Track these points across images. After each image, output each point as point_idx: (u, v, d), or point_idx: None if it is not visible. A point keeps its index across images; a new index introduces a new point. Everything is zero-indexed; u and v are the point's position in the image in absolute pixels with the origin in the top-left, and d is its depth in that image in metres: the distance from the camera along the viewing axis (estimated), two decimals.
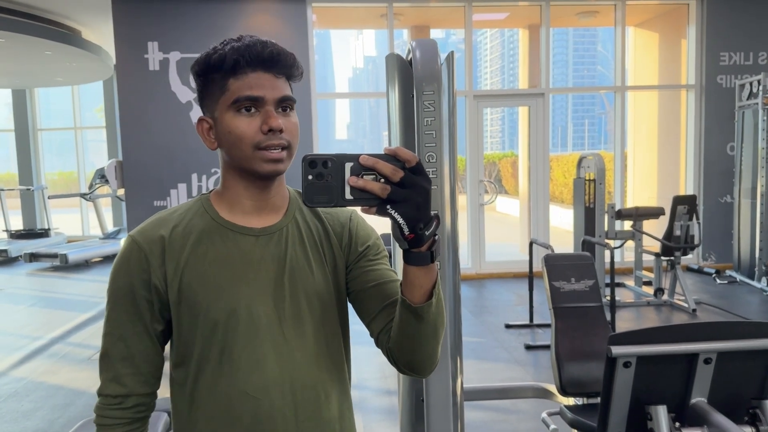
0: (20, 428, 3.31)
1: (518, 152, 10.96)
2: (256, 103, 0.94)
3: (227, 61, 0.94)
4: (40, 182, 11.47)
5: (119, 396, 0.99)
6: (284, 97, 0.96)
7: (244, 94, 0.93)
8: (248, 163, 0.95)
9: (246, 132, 0.94)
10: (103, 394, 1.00)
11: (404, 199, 0.79)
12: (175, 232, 0.99)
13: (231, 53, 0.94)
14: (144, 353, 0.99)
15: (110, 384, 0.99)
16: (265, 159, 0.94)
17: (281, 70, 0.96)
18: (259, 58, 0.94)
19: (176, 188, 6.69)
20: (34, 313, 6.03)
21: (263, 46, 0.95)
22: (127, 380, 0.99)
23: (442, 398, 1.82)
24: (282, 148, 0.95)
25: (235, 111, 0.94)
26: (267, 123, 0.93)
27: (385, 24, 7.10)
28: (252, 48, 0.94)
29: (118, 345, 0.99)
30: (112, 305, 0.99)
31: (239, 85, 0.94)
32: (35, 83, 10.57)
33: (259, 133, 0.94)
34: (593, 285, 2.44)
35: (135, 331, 0.98)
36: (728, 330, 1.49)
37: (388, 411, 3.45)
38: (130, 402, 0.99)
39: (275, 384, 0.97)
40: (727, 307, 5.46)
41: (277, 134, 0.94)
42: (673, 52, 8.09)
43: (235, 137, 0.95)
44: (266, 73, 0.95)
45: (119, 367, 0.99)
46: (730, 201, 7.14)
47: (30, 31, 6.78)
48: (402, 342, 0.95)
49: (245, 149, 0.94)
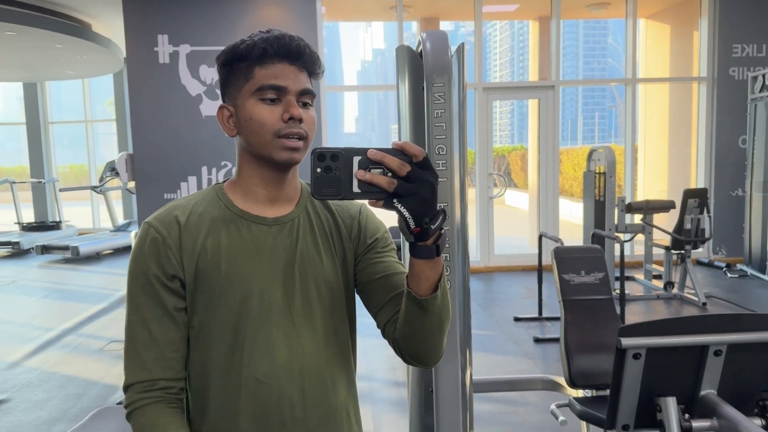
0: (33, 417, 3.36)
1: (528, 145, 10.91)
2: (279, 92, 0.97)
3: (255, 50, 0.97)
4: (51, 175, 11.56)
5: (146, 381, 0.97)
6: (306, 90, 0.99)
7: (268, 83, 0.96)
8: (266, 150, 0.97)
9: (267, 119, 0.96)
10: (130, 384, 0.98)
11: (411, 193, 0.80)
12: (191, 218, 1.00)
13: (260, 42, 0.97)
14: (168, 338, 0.98)
15: (136, 370, 0.97)
16: (284, 147, 0.97)
17: (305, 64, 0.99)
18: (286, 49, 0.97)
19: (186, 181, 6.73)
20: (47, 305, 6.09)
21: (291, 39, 0.98)
22: (152, 366, 0.97)
23: (452, 390, 1.82)
24: (299, 138, 0.97)
25: (258, 98, 0.97)
26: (288, 111, 0.96)
27: (394, 16, 7.08)
28: (281, 39, 0.97)
29: (141, 332, 0.98)
30: (132, 292, 0.99)
31: (265, 74, 0.97)
32: (46, 76, 10.63)
33: (280, 121, 0.96)
34: (603, 278, 2.43)
35: (157, 316, 0.98)
36: (739, 322, 1.48)
37: (398, 402, 3.47)
38: (158, 385, 0.97)
39: (284, 370, 0.98)
40: (737, 301, 5.43)
41: (297, 123, 0.96)
42: (684, 44, 8.01)
43: (256, 123, 0.97)
44: (291, 65, 0.98)
45: (144, 354, 0.97)
46: (742, 194, 7.08)
47: (41, 24, 6.81)
48: (407, 333, 0.97)
49: (265, 135, 0.97)
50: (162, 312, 0.99)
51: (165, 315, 0.99)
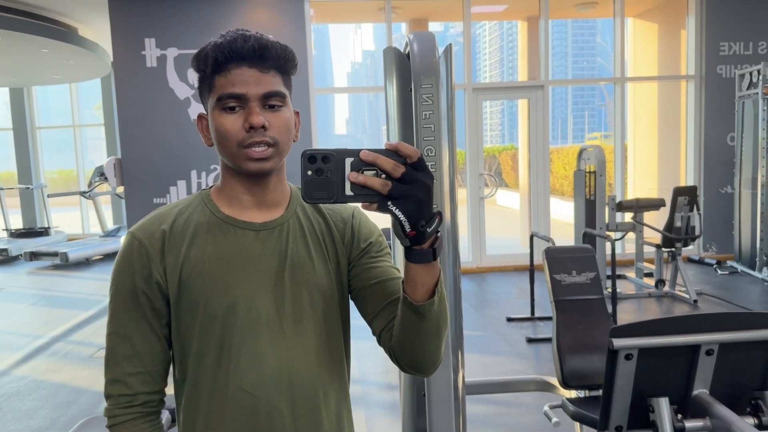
0: (23, 427, 3.31)
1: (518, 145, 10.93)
2: (240, 100, 0.92)
3: (210, 59, 0.93)
4: (39, 181, 11.46)
5: (126, 395, 0.97)
6: (269, 93, 0.93)
7: (226, 92, 0.92)
8: (234, 161, 0.95)
9: (229, 130, 0.93)
10: (111, 395, 0.98)
11: (405, 195, 0.77)
12: (175, 226, 0.98)
13: (212, 50, 0.93)
14: (150, 352, 0.97)
15: (116, 384, 0.97)
16: (249, 158, 0.93)
17: (268, 63, 0.94)
18: (239, 53, 0.92)
19: (176, 185, 6.69)
20: (35, 312, 6.03)
21: (245, 41, 0.92)
22: (131, 380, 0.97)
23: (444, 392, 1.81)
24: (267, 146, 0.93)
25: (220, 109, 0.94)
26: (248, 120, 0.92)
27: (383, 18, 7.07)
28: (233, 43, 0.92)
29: (123, 344, 0.97)
30: (115, 303, 0.98)
31: (223, 83, 0.93)
32: (32, 81, 10.55)
33: (242, 131, 0.93)
34: (594, 277, 2.43)
35: (139, 329, 0.97)
36: (730, 321, 1.48)
37: (390, 405, 3.45)
38: (138, 400, 0.98)
39: (273, 381, 0.96)
40: (728, 298, 5.46)
41: (260, 131, 0.92)
42: (672, 42, 8.05)
43: (221, 135, 0.94)
44: (251, 69, 0.93)
45: (125, 367, 0.97)
46: (731, 191, 7.13)
47: (26, 28, 6.75)
48: (404, 340, 0.94)
49: (230, 147, 0.94)
50: (145, 325, 0.97)
51: (148, 328, 0.97)
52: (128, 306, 0.96)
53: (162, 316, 0.98)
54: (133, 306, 0.96)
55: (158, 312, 0.97)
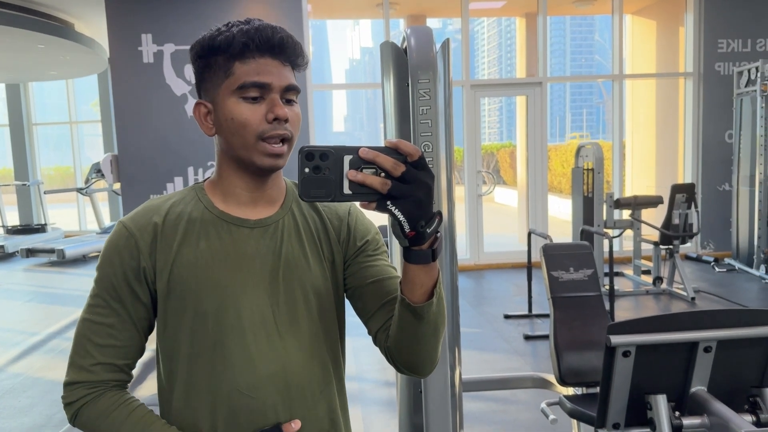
0: (18, 424, 3.30)
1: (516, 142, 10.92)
2: (263, 90, 0.90)
3: (235, 44, 0.90)
4: (35, 177, 11.43)
5: (91, 381, 0.93)
6: (290, 86, 0.92)
7: (251, 80, 0.90)
8: (248, 153, 0.92)
9: (250, 120, 0.90)
10: (72, 382, 0.93)
11: (405, 194, 0.75)
12: (168, 220, 0.95)
13: (240, 36, 0.90)
14: (127, 344, 0.94)
15: (82, 372, 0.93)
16: (266, 152, 0.91)
17: (288, 58, 0.93)
18: (269, 43, 0.90)
19: (173, 181, 6.66)
20: (31, 309, 6.01)
21: (273, 31, 0.91)
22: (98, 369, 0.93)
23: (441, 389, 1.80)
24: (283, 141, 0.92)
25: (239, 97, 0.91)
26: (273, 111, 0.90)
27: (381, 14, 7.05)
28: (262, 32, 0.90)
29: (98, 333, 0.93)
30: (97, 291, 0.94)
31: (246, 70, 0.90)
32: (29, 77, 10.50)
33: (264, 122, 0.90)
34: (592, 274, 2.42)
35: (118, 320, 0.94)
36: (728, 318, 1.47)
37: (387, 402, 3.45)
38: (108, 385, 0.94)
39: (268, 381, 0.94)
40: (725, 295, 5.46)
41: (282, 124, 0.91)
42: (670, 39, 8.05)
43: (238, 124, 0.91)
44: (274, 60, 0.91)
45: (96, 356, 0.93)
46: (729, 189, 7.13)
47: (22, 24, 6.71)
48: (401, 341, 0.92)
49: (248, 138, 0.91)
50: (126, 316, 0.94)
51: (128, 320, 0.94)
52: (111, 296, 0.93)
53: (145, 310, 0.95)
54: (116, 296, 0.93)
55: (142, 305, 0.95)
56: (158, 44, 6.53)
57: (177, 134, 6.59)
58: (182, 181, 6.67)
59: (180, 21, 6.52)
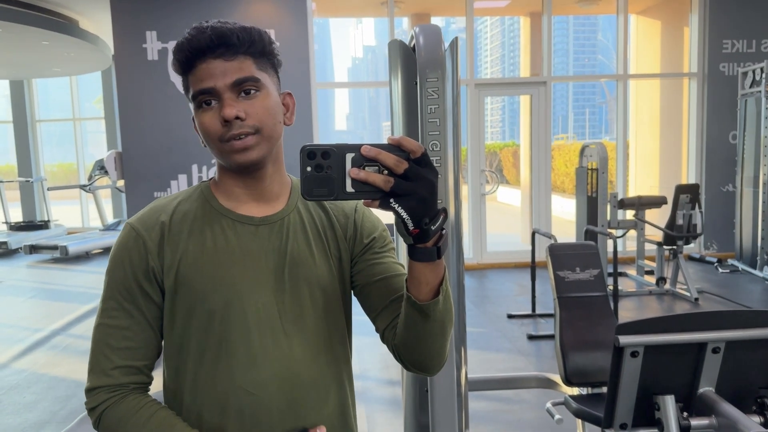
0: (22, 420, 3.31)
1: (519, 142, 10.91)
2: (211, 95, 0.90)
3: (179, 62, 0.92)
4: (39, 174, 11.44)
5: (113, 385, 0.93)
6: (238, 80, 0.90)
7: (197, 89, 0.91)
8: (221, 156, 0.94)
9: (209, 127, 0.91)
10: (93, 387, 0.93)
11: (409, 192, 0.74)
12: (174, 218, 0.96)
13: (175, 53, 0.92)
14: (144, 345, 0.95)
15: (102, 377, 0.93)
16: (232, 150, 0.91)
17: (234, 50, 0.90)
18: (198, 47, 0.90)
19: (176, 179, 6.67)
20: (35, 305, 6.02)
21: (201, 33, 0.89)
22: (118, 373, 0.93)
23: (447, 388, 1.80)
24: (248, 135, 0.91)
25: (197, 107, 0.92)
26: (220, 114, 0.90)
27: (385, 12, 7.04)
28: (191, 40, 0.90)
29: (115, 336, 0.94)
30: (109, 294, 0.95)
31: (194, 80, 0.92)
32: (33, 74, 10.51)
33: (220, 125, 0.90)
34: (598, 274, 2.42)
35: (133, 322, 0.94)
36: (737, 319, 1.47)
37: (392, 401, 3.45)
38: (129, 387, 0.94)
39: (273, 380, 0.94)
40: (729, 296, 5.45)
41: (236, 123, 0.90)
42: (675, 39, 8.03)
43: (204, 133, 0.93)
44: (216, 60, 0.90)
45: (115, 360, 0.93)
46: (732, 190, 7.11)
47: (27, 20, 6.72)
48: (408, 340, 0.92)
49: (214, 144, 0.92)
50: (140, 317, 0.94)
51: (143, 320, 0.95)
52: (124, 297, 0.94)
53: (157, 310, 0.96)
54: (129, 298, 0.94)
55: (155, 304, 0.95)
56: (163, 42, 6.53)
57: (181, 131, 6.59)
58: (186, 179, 6.67)
59: (185, 18, 6.52)
